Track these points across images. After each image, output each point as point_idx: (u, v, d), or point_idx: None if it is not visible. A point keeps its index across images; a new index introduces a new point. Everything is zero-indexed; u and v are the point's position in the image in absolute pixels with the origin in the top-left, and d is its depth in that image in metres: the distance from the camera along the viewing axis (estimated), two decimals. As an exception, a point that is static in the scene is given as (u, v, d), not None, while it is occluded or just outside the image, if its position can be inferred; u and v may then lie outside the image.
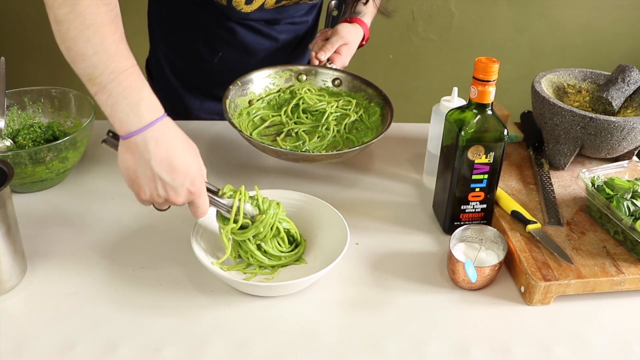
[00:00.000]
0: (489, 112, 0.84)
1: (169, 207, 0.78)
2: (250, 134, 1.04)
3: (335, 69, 1.17)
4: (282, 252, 0.85)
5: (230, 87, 1.08)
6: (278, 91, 1.14)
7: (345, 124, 1.08)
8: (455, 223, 0.91)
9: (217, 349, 0.73)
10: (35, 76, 2.25)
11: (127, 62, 0.72)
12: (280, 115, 1.09)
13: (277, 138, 1.05)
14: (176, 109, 1.34)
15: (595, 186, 0.92)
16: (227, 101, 1.05)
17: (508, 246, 0.85)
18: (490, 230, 0.86)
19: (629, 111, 1.08)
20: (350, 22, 1.23)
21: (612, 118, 0.96)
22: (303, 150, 1.03)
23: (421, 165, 1.11)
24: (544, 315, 0.80)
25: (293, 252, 0.87)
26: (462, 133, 0.84)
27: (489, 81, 0.81)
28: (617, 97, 1.07)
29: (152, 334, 0.75)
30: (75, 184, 1.03)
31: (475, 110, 0.84)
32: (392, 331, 0.77)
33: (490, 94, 0.83)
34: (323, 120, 1.08)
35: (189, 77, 1.30)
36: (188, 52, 1.26)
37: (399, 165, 1.12)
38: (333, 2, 1.30)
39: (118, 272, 0.84)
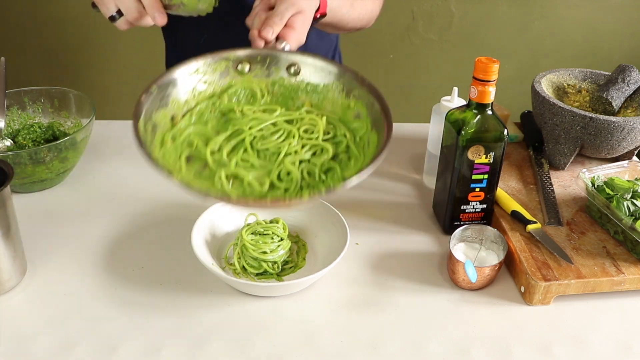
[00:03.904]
0: (489, 112, 0.84)
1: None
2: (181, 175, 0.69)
3: (290, 51, 0.82)
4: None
5: (142, 96, 0.71)
6: (211, 96, 0.78)
7: (319, 166, 0.72)
8: (455, 223, 0.91)
9: (217, 349, 0.73)
10: (35, 76, 2.25)
11: None
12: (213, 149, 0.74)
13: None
14: None
15: (595, 186, 0.92)
16: (141, 122, 0.69)
17: (508, 246, 0.85)
18: (490, 230, 0.86)
19: (629, 111, 1.08)
20: None
21: (612, 118, 0.96)
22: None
23: (421, 165, 1.11)
24: (544, 315, 0.80)
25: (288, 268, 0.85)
26: (462, 133, 0.84)
27: (489, 81, 0.81)
28: (617, 97, 1.07)
29: (152, 334, 0.75)
30: (75, 184, 1.03)
31: (475, 110, 0.84)
32: (392, 331, 0.77)
33: (490, 94, 0.83)
34: (276, 165, 0.72)
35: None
36: (176, 33, 1.22)
37: (399, 165, 1.12)
38: None
39: (118, 272, 0.84)
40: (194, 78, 0.78)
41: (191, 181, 0.69)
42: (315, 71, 0.81)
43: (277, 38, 0.83)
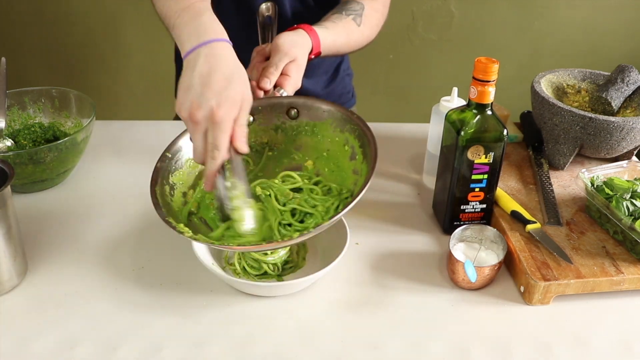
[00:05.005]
0: (489, 112, 0.84)
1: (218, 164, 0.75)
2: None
3: (287, 96, 0.90)
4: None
5: (158, 164, 0.82)
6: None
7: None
8: (455, 223, 0.91)
9: (217, 349, 0.73)
10: (36, 76, 2.26)
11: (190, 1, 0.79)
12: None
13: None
14: None
15: (595, 186, 0.92)
16: (157, 188, 0.79)
17: (508, 246, 0.85)
18: (490, 230, 0.87)
19: (628, 111, 1.08)
20: (293, 29, 0.95)
21: (612, 118, 0.96)
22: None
23: (421, 165, 1.11)
24: (543, 315, 0.80)
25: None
26: (462, 133, 0.84)
27: (489, 81, 0.81)
28: (616, 97, 1.07)
29: (152, 334, 0.75)
30: (75, 184, 1.03)
31: (475, 111, 0.84)
32: (392, 331, 0.77)
33: (490, 94, 0.83)
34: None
35: None
36: None
37: (399, 165, 1.12)
38: (263, 5, 1.01)
39: (118, 272, 0.84)
40: None
41: (199, 236, 0.77)
42: (310, 110, 0.90)
43: (275, 86, 0.91)
